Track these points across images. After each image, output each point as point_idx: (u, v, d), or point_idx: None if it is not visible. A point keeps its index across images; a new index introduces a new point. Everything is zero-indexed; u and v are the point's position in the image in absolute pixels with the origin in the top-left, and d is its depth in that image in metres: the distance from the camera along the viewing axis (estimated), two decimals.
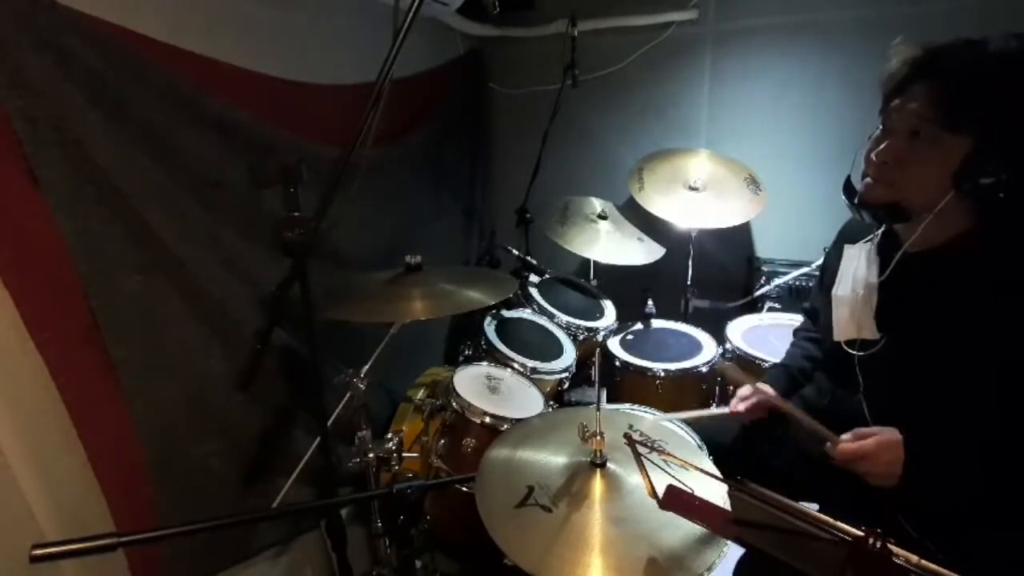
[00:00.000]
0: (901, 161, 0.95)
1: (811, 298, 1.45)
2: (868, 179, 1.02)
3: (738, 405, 1.29)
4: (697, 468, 0.88)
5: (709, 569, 0.77)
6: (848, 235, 1.19)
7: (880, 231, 1.10)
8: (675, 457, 0.90)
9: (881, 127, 1.01)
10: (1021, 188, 0.86)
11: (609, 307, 2.18)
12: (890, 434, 0.98)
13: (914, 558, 0.58)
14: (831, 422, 1.11)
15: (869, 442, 0.98)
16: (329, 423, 1.28)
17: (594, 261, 2.24)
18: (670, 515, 0.77)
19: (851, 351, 1.09)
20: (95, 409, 1.16)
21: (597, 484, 0.89)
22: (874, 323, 1.06)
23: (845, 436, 1.03)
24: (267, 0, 1.51)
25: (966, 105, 0.87)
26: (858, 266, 1.10)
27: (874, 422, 1.05)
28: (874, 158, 0.99)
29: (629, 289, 2.22)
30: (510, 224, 2.35)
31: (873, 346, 1.06)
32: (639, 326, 2.13)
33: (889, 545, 0.58)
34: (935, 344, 0.99)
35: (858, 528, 0.61)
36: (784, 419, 1.19)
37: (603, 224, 2.18)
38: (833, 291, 1.15)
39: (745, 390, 1.30)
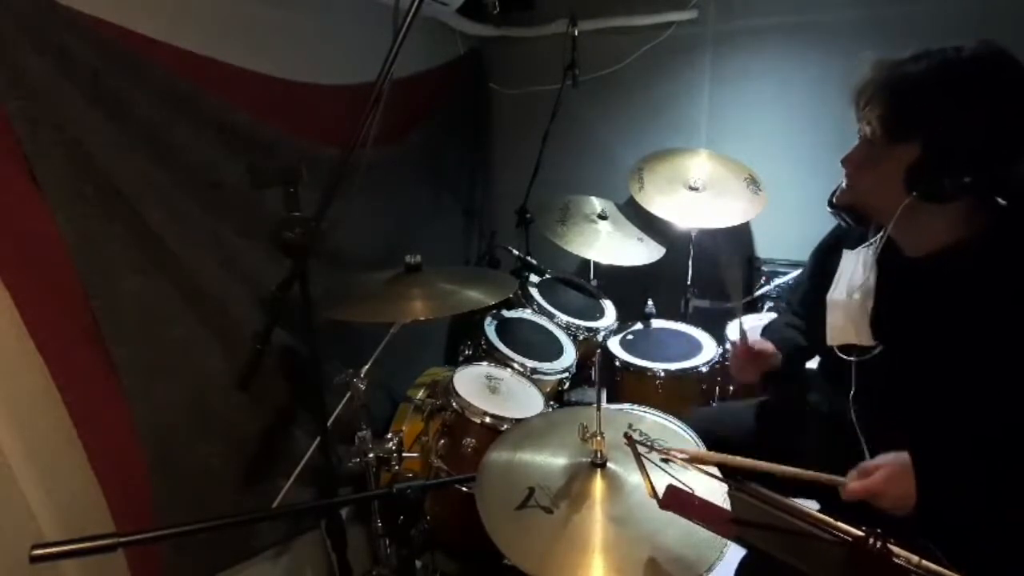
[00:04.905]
0: (858, 166, 1.01)
1: (787, 299, 1.45)
2: (842, 183, 1.08)
3: (745, 348, 1.26)
4: (697, 468, 0.88)
5: (709, 569, 0.77)
6: (843, 241, 1.18)
7: (879, 236, 1.10)
8: (675, 457, 0.90)
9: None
10: (978, 188, 0.88)
11: (609, 307, 2.18)
12: (896, 463, 0.95)
13: (914, 558, 0.58)
14: (831, 427, 1.11)
15: (876, 478, 0.95)
16: (329, 423, 1.28)
17: (594, 261, 2.24)
18: (671, 515, 0.77)
19: (845, 356, 1.09)
20: (95, 409, 1.16)
21: (598, 484, 0.89)
22: (869, 329, 1.06)
23: (852, 474, 0.99)
24: (267, 0, 1.52)
25: (904, 115, 0.91)
26: (855, 270, 1.10)
27: (861, 428, 1.05)
28: (841, 163, 1.05)
29: (629, 289, 2.22)
30: (510, 224, 2.35)
31: (869, 352, 1.06)
32: (639, 326, 2.13)
33: (889, 545, 0.58)
34: (929, 351, 0.99)
35: (858, 528, 0.61)
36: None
37: (603, 224, 2.18)
38: (829, 295, 1.14)
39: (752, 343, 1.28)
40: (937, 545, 0.83)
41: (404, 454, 1.45)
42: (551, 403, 1.71)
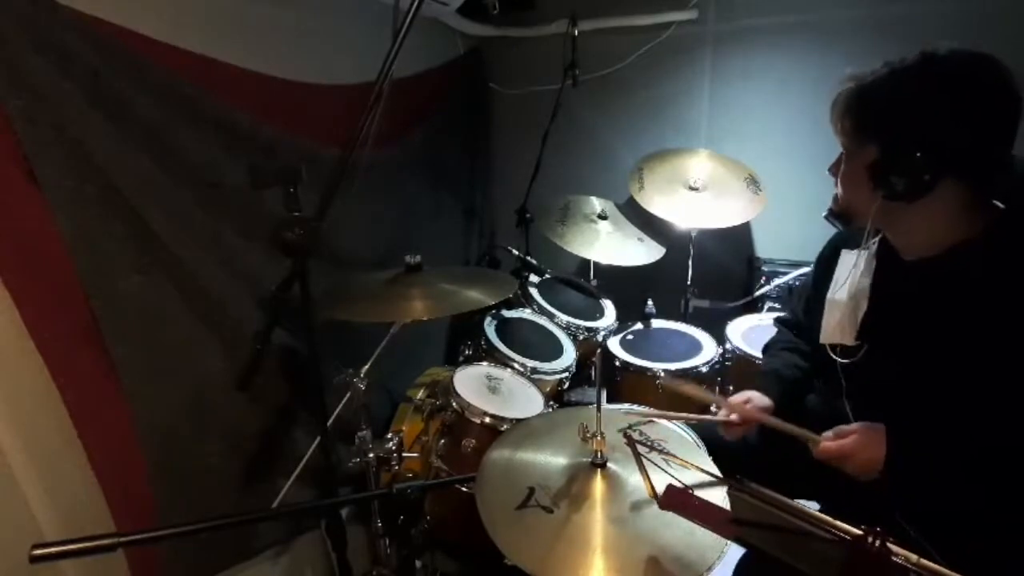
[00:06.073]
0: (838, 174, 1.07)
1: (791, 307, 1.45)
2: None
3: (731, 415, 1.25)
4: (697, 468, 0.88)
5: (709, 569, 0.77)
6: (844, 242, 1.19)
7: (877, 238, 1.10)
8: (675, 457, 0.90)
9: None
10: (936, 182, 0.91)
11: (609, 307, 2.18)
12: (871, 429, 1.01)
13: (913, 557, 0.58)
14: (821, 422, 1.12)
15: (848, 441, 1.02)
16: (329, 423, 1.28)
17: (594, 261, 2.24)
18: (671, 515, 0.77)
19: (835, 356, 1.12)
20: (95, 409, 1.17)
21: (598, 484, 0.89)
22: (855, 330, 1.08)
23: (827, 434, 1.06)
24: (267, 0, 1.52)
25: (860, 119, 0.98)
26: (853, 272, 1.12)
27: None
28: (828, 172, 1.11)
29: (629, 289, 2.22)
30: (510, 224, 2.34)
31: (857, 352, 1.09)
32: (639, 326, 2.13)
33: (889, 544, 0.58)
34: (912, 352, 1.01)
35: (858, 527, 0.61)
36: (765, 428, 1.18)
37: (603, 224, 2.18)
38: (828, 295, 1.17)
39: (740, 396, 1.28)
40: (933, 544, 0.83)
41: (404, 454, 1.45)
42: (551, 403, 1.71)
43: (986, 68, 0.90)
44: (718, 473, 0.89)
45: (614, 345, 2.00)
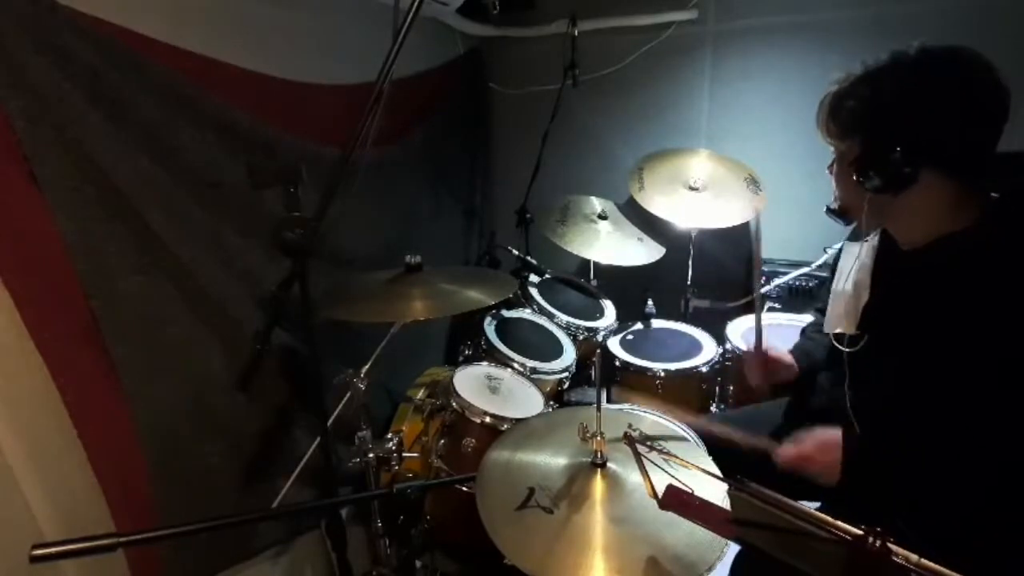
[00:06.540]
0: (833, 172, 1.11)
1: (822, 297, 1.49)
2: None
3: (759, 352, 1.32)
4: (697, 468, 0.88)
5: (710, 569, 0.77)
6: (854, 236, 1.22)
7: (878, 230, 1.11)
8: (675, 457, 0.90)
9: None
10: (915, 173, 0.93)
11: (609, 307, 2.18)
12: (828, 435, 1.05)
13: (913, 557, 0.57)
14: (822, 410, 1.15)
15: (807, 445, 1.06)
16: (329, 423, 1.28)
17: (594, 261, 2.24)
18: (671, 515, 0.77)
19: (840, 345, 1.14)
20: (95, 409, 1.17)
21: (598, 485, 0.89)
22: (857, 319, 1.11)
23: (785, 442, 1.09)
24: (267, 0, 1.52)
25: (841, 118, 1.02)
26: (855, 263, 1.14)
27: (856, 415, 1.09)
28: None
29: (629, 289, 2.22)
30: (510, 224, 2.35)
31: (860, 341, 1.11)
32: (639, 326, 2.12)
33: (889, 544, 0.58)
34: (907, 341, 1.02)
35: (858, 527, 0.61)
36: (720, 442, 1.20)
37: (603, 224, 2.18)
38: (834, 286, 1.20)
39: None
40: (933, 543, 0.83)
41: (404, 454, 1.45)
42: (551, 403, 1.71)
43: (957, 61, 0.91)
44: (718, 473, 0.89)
45: (614, 345, 2.00)
